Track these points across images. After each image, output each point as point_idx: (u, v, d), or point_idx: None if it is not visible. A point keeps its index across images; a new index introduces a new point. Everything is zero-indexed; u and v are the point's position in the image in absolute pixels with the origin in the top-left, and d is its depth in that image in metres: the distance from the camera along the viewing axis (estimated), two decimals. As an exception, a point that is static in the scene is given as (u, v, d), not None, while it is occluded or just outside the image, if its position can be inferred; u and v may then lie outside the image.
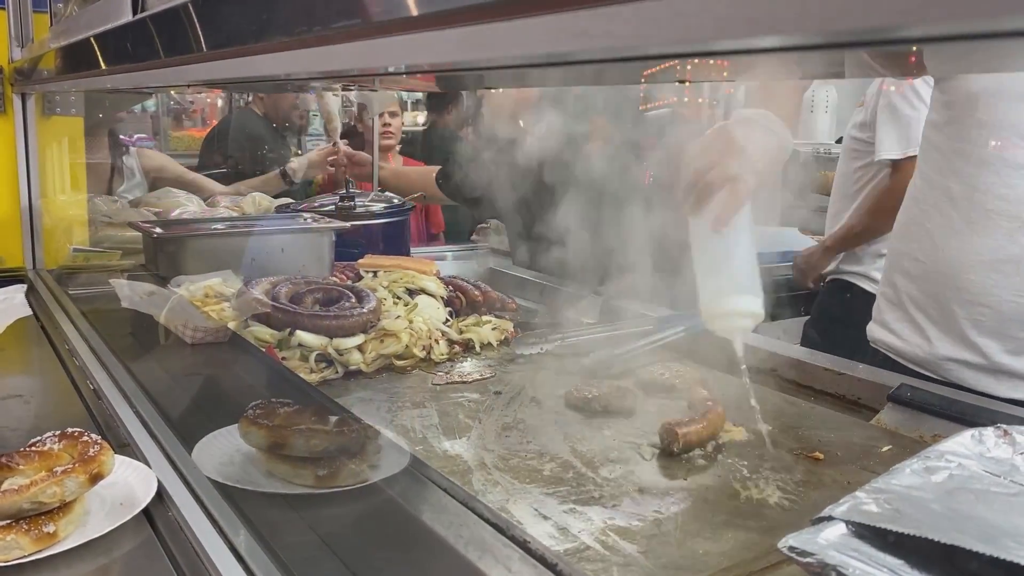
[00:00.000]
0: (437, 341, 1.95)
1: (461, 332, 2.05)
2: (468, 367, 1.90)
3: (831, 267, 2.85)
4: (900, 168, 2.54)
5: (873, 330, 1.95)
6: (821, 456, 1.43)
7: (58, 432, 1.17)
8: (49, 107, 2.69)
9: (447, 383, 1.77)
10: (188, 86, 1.28)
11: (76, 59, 1.60)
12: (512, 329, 2.12)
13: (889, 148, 2.56)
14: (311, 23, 0.73)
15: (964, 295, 1.73)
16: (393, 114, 4.84)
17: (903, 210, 1.90)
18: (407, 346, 1.87)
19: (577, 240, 2.14)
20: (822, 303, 2.86)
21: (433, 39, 0.46)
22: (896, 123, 2.55)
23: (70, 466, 1.08)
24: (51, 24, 2.29)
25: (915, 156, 2.34)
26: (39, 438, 1.16)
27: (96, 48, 1.35)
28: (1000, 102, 1.68)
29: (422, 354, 1.90)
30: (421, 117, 8.34)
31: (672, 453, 1.39)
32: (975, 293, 1.71)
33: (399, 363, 1.87)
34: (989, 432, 1.00)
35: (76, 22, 1.56)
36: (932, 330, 1.80)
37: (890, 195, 2.52)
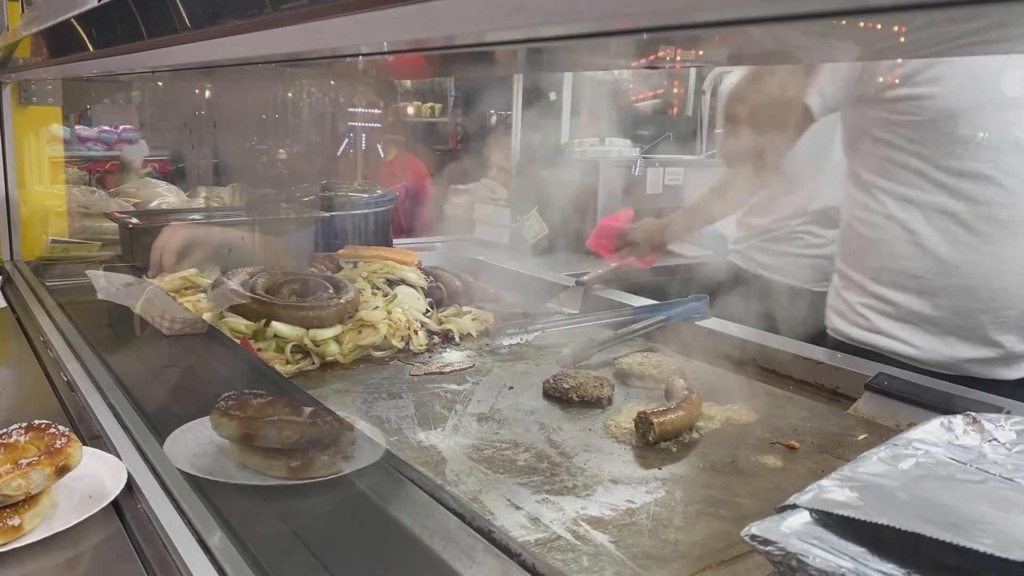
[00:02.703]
0: (416, 332, 1.94)
1: (441, 323, 2.04)
2: (447, 358, 1.89)
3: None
4: None
5: (868, 337, 1.92)
6: (797, 445, 1.43)
7: (24, 424, 1.15)
8: (26, 96, 2.66)
9: (425, 374, 1.76)
10: (152, 72, 1.26)
11: (45, 46, 1.57)
12: (492, 320, 2.11)
13: None
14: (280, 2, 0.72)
15: (991, 303, 1.75)
16: (387, 105, 4.87)
17: (870, 230, 1.87)
18: (385, 337, 1.86)
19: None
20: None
21: (373, 19, 0.45)
22: None
23: (36, 458, 1.07)
24: (23, 11, 2.26)
25: None
26: (5, 430, 1.15)
27: (62, 35, 1.33)
28: (983, 115, 1.69)
29: (401, 345, 1.89)
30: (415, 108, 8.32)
31: (648, 442, 1.39)
32: (1002, 299, 1.74)
33: (377, 354, 1.86)
34: (958, 420, 1.00)
35: (45, 9, 1.54)
36: (951, 338, 1.81)
37: None
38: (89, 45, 1.32)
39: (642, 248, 2.61)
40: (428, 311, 2.07)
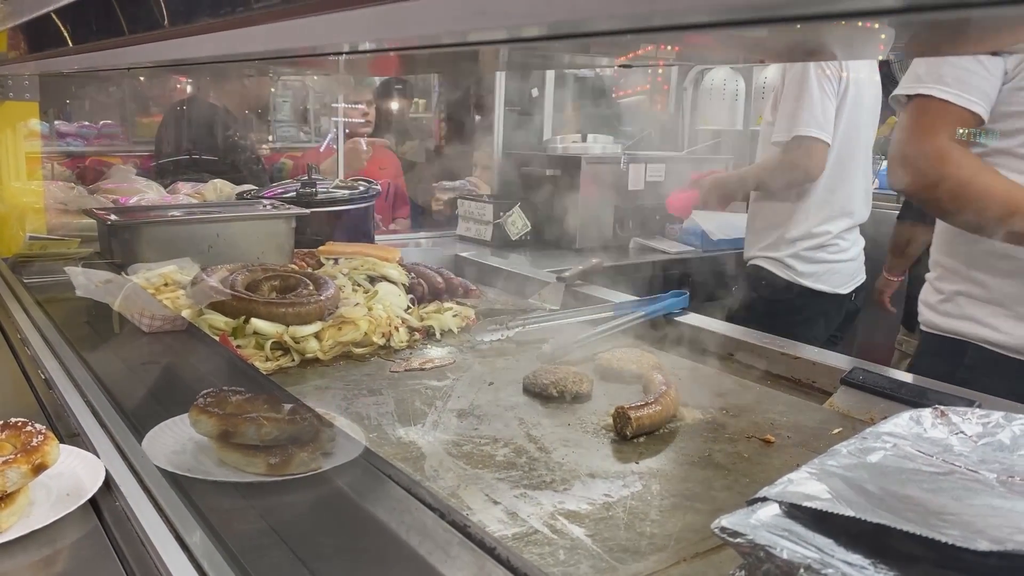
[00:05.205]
0: (397, 328, 1.94)
1: (422, 319, 2.04)
2: (427, 354, 1.90)
3: (750, 253, 2.85)
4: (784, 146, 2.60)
5: (956, 325, 1.91)
6: (772, 439, 1.44)
7: (0, 422, 1.15)
8: (2, 92, 2.63)
9: (405, 370, 1.76)
10: (128, 68, 1.25)
11: (21, 41, 1.56)
12: (473, 316, 2.12)
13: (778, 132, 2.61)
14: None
15: None
16: (370, 102, 4.88)
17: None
18: (366, 334, 1.86)
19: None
20: (741, 290, 2.88)
21: (340, 19, 0.46)
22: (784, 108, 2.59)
23: (12, 456, 1.07)
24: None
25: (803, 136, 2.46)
26: (-20, 429, 1.14)
27: (37, 31, 1.32)
28: None
29: (381, 341, 1.89)
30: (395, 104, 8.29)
31: (625, 437, 1.41)
32: None
33: (358, 351, 1.86)
34: (927, 413, 1.02)
35: (20, 4, 1.52)
36: None
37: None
38: (67, 40, 1.32)
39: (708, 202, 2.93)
40: (409, 307, 2.07)
